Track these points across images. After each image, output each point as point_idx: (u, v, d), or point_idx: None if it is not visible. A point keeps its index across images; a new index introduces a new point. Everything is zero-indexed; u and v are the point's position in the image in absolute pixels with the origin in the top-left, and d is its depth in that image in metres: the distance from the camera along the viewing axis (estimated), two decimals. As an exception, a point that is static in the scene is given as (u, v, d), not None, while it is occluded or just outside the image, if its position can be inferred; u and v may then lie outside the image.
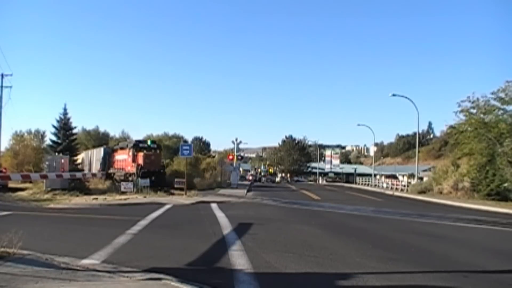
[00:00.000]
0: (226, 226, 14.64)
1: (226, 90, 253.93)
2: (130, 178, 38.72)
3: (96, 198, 25.94)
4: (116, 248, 10.02)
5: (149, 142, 43.88)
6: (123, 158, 43.71)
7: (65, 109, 43.28)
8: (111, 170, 46.21)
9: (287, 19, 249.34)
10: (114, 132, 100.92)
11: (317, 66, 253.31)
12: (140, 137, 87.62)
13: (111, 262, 8.51)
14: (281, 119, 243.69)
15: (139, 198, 26.41)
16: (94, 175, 40.66)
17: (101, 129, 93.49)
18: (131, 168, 40.25)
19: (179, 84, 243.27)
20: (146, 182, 31.17)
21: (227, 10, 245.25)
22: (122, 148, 46.04)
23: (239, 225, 14.91)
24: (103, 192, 31.00)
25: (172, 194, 32.22)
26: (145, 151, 40.54)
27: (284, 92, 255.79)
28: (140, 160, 38.88)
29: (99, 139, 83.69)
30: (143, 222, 15.00)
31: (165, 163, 49.14)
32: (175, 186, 34.66)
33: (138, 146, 41.73)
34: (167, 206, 21.78)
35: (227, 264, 8.64)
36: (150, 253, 9.86)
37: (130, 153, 41.23)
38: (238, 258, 9.08)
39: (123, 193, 28.84)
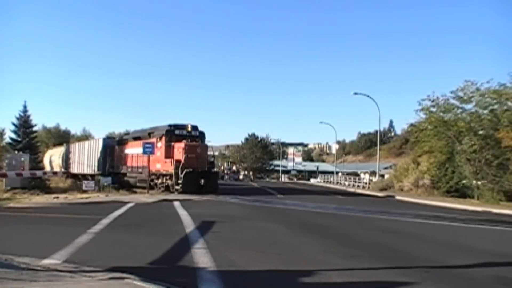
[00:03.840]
0: (189, 224, 14.58)
1: (188, 87, 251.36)
2: (159, 182, 31.87)
3: (57, 197, 25.51)
4: (77, 248, 9.89)
5: (189, 127, 32.41)
6: None
7: (25, 107, 42.44)
8: (120, 169, 37.47)
9: (246, 15, 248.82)
10: (76, 130, 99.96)
11: (279, 63, 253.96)
12: (101, 134, 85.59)
13: (73, 262, 8.39)
14: (244, 117, 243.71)
15: (101, 197, 26.07)
16: (55, 173, 39.76)
17: (62, 127, 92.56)
18: (162, 167, 31.34)
19: (137, 80, 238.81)
20: (108, 180, 30.77)
21: (187, 2, 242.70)
22: (140, 138, 34.56)
23: (202, 223, 14.88)
24: (64, 190, 30.51)
25: (135, 192, 31.71)
26: (185, 141, 30.56)
27: (246, 90, 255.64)
28: (179, 155, 29.58)
29: (60, 137, 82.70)
30: (105, 221, 14.83)
31: (215, 159, 37.19)
32: (137, 184, 34.16)
33: (173, 133, 31.60)
34: (130, 205, 21.58)
35: (190, 263, 8.62)
36: (113, 252, 9.80)
37: (161, 144, 31.45)
38: (201, 256, 9.06)
39: (85, 191, 28.45)
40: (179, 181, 28.85)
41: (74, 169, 45.28)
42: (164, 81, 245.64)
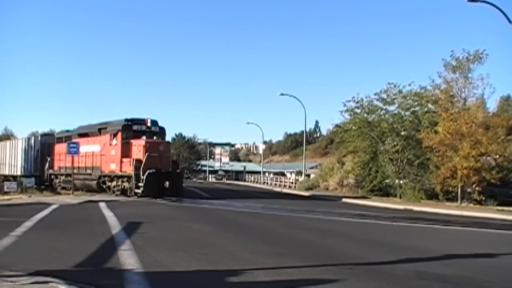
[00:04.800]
0: (115, 225, 14.44)
1: (111, 83, 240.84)
2: (113, 185, 28.66)
3: (-24, 199, 24.62)
4: (-2, 251, 9.66)
5: (149, 122, 28.69)
6: (95, 150, 29.40)
7: None
8: (61, 170, 33.72)
9: (172, 6, 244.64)
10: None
11: (205, 63, 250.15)
12: (24, 134, 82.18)
13: (-6, 266, 8.20)
14: (171, 116, 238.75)
15: (23, 198, 25.24)
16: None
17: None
18: (119, 167, 27.62)
19: (62, 76, 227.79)
20: (31, 181, 29.83)
21: None
22: (87, 135, 31.14)
23: (128, 224, 14.75)
24: (-16, 193, 29.39)
25: (59, 193, 30.84)
26: (145, 137, 27.48)
27: (173, 89, 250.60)
28: (140, 154, 26.08)
29: (-20, 136, 79.93)
30: (28, 223, 14.43)
31: (179, 158, 32.50)
32: (62, 185, 33.27)
33: (130, 128, 27.81)
34: (54, 206, 21.05)
35: (116, 264, 8.55)
36: (36, 255, 9.57)
37: (116, 142, 27.73)
38: (127, 258, 9.01)
39: (6, 193, 27.50)
40: (140, 184, 25.62)
41: (5, 170, 41.45)
42: (89, 77, 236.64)
